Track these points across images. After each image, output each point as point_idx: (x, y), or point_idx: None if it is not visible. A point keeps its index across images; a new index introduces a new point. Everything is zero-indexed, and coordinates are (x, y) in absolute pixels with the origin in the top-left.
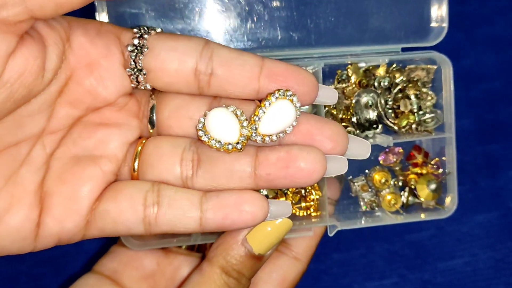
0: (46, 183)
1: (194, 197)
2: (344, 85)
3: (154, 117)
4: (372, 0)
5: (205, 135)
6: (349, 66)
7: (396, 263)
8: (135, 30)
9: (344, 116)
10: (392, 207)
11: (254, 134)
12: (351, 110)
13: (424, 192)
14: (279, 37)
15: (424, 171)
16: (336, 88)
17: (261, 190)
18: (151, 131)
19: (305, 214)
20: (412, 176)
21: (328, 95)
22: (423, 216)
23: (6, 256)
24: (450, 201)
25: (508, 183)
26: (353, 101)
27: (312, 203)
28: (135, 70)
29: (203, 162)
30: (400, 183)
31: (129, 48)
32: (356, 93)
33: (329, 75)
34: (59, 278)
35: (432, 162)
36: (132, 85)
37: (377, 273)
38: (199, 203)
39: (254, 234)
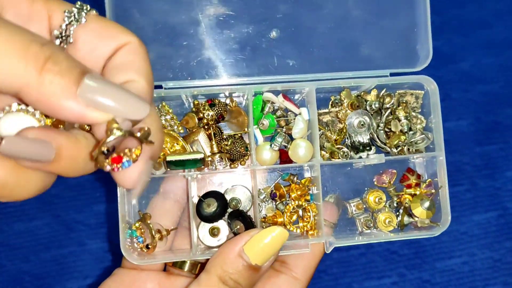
0: None
1: None
2: (337, 109)
3: None
4: (361, 31)
5: None
6: (342, 91)
7: (395, 262)
8: (66, 13)
9: (338, 138)
10: (387, 226)
11: None
12: (344, 131)
13: (418, 210)
14: (276, 64)
15: (417, 192)
16: (330, 112)
17: (261, 209)
18: None
19: (302, 231)
20: (406, 196)
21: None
22: (417, 234)
23: (10, 256)
24: (444, 217)
25: (506, 184)
26: (346, 123)
27: (308, 222)
28: None
29: None
30: (395, 204)
31: (55, 33)
32: (348, 116)
33: (324, 101)
34: (63, 278)
35: (426, 183)
36: None
37: (376, 272)
38: None
39: (251, 244)
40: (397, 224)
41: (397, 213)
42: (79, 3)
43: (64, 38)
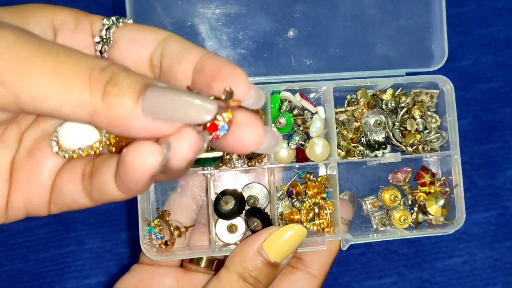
0: (16, 159)
1: (114, 163)
2: (353, 108)
3: None
4: (377, 30)
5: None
6: (358, 90)
7: (395, 262)
8: (104, 21)
9: (354, 136)
10: (402, 223)
11: None
12: (360, 130)
13: (433, 208)
14: (293, 63)
15: (432, 190)
16: (346, 111)
17: (277, 206)
18: None
19: (319, 229)
20: (420, 194)
21: (255, 97)
22: (432, 231)
23: (9, 256)
24: (459, 215)
25: (506, 183)
26: (362, 122)
27: (325, 219)
28: None
29: None
30: (410, 202)
31: (96, 40)
32: (364, 115)
33: (339, 99)
34: (62, 277)
35: (440, 180)
36: None
37: (376, 272)
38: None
39: (270, 242)
40: (411, 222)
41: (412, 211)
42: (117, 16)
43: (104, 41)
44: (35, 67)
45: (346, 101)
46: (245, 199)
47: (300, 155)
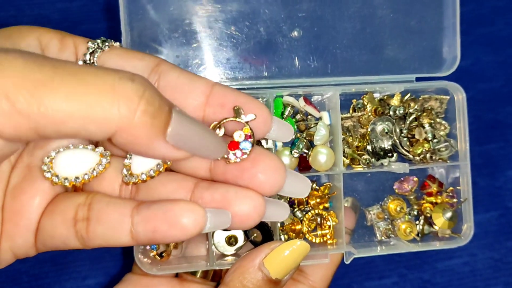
0: (5, 199)
1: (125, 210)
2: (359, 114)
3: None
4: (387, 32)
5: (49, 171)
6: (365, 95)
7: (396, 262)
8: (89, 44)
9: (359, 144)
10: (407, 235)
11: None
12: (367, 138)
13: (440, 220)
14: (297, 66)
15: (438, 200)
16: (352, 117)
17: None
18: None
19: (321, 241)
20: (427, 205)
21: (282, 131)
22: (438, 245)
23: None
24: (466, 229)
25: (507, 183)
26: (369, 129)
27: (327, 230)
28: None
29: (140, 190)
30: (415, 212)
31: (79, 63)
32: (371, 121)
33: (345, 104)
34: (61, 278)
35: (448, 191)
36: None
37: (376, 272)
38: (130, 216)
39: (271, 258)
40: (417, 233)
41: (416, 222)
42: (102, 38)
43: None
44: (53, 89)
45: (351, 106)
46: None
47: (303, 163)
